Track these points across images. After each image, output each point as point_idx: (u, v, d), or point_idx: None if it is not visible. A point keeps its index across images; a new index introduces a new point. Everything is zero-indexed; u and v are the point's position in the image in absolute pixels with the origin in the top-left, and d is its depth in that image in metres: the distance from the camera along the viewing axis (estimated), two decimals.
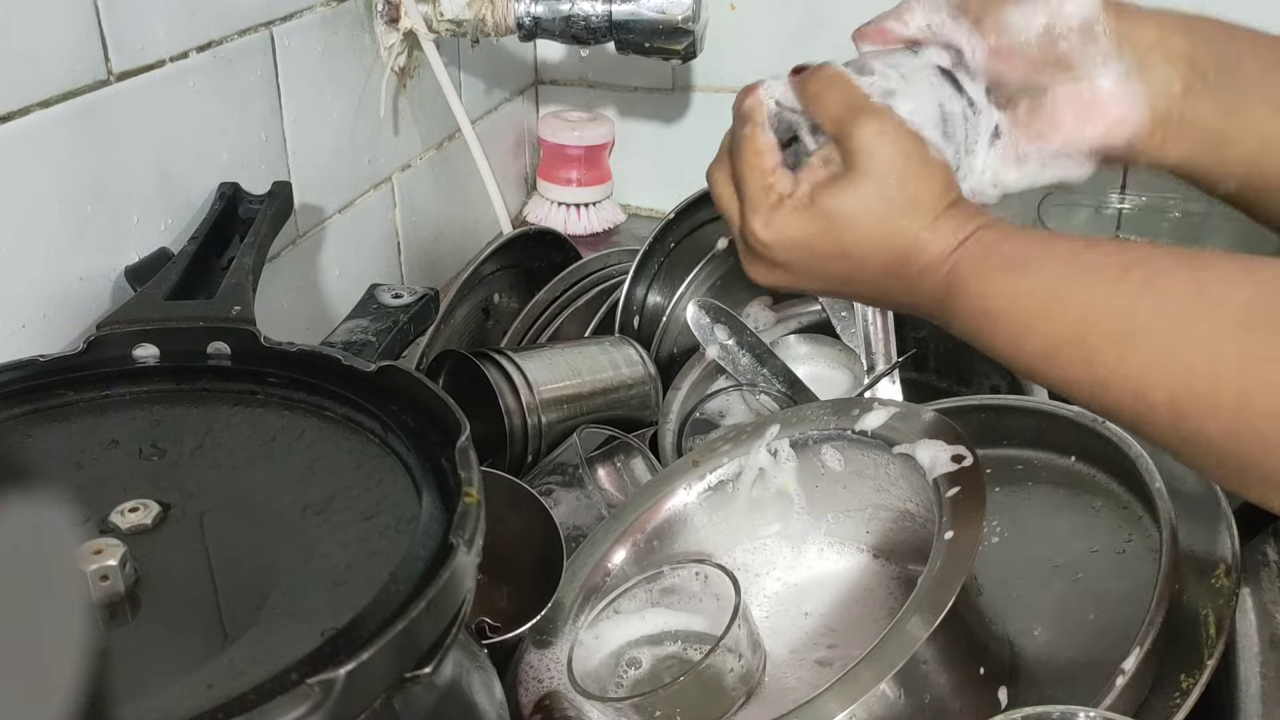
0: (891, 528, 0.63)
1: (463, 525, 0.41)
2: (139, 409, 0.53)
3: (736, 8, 1.08)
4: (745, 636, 0.56)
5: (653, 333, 0.89)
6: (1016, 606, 0.59)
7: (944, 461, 0.57)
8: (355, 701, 0.36)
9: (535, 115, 1.21)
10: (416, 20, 0.90)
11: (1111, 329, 0.47)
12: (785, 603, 0.64)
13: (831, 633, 0.62)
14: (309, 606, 0.41)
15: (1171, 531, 0.56)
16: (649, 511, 0.67)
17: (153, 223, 0.69)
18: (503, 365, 0.78)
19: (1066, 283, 0.49)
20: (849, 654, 0.49)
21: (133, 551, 0.42)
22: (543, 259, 0.95)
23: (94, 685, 0.25)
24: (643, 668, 0.61)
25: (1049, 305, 0.49)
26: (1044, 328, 0.49)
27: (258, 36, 0.76)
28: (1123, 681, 0.50)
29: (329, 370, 0.52)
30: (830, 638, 0.62)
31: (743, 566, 0.66)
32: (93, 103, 0.63)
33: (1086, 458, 0.64)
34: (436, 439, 0.47)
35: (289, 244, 0.82)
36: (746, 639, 0.56)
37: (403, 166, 0.96)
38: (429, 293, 0.78)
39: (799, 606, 0.64)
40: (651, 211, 1.21)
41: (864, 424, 0.63)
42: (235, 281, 0.61)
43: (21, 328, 0.61)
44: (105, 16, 0.63)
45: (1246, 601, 0.61)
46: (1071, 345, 0.48)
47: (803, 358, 0.86)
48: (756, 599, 0.65)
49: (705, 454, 0.68)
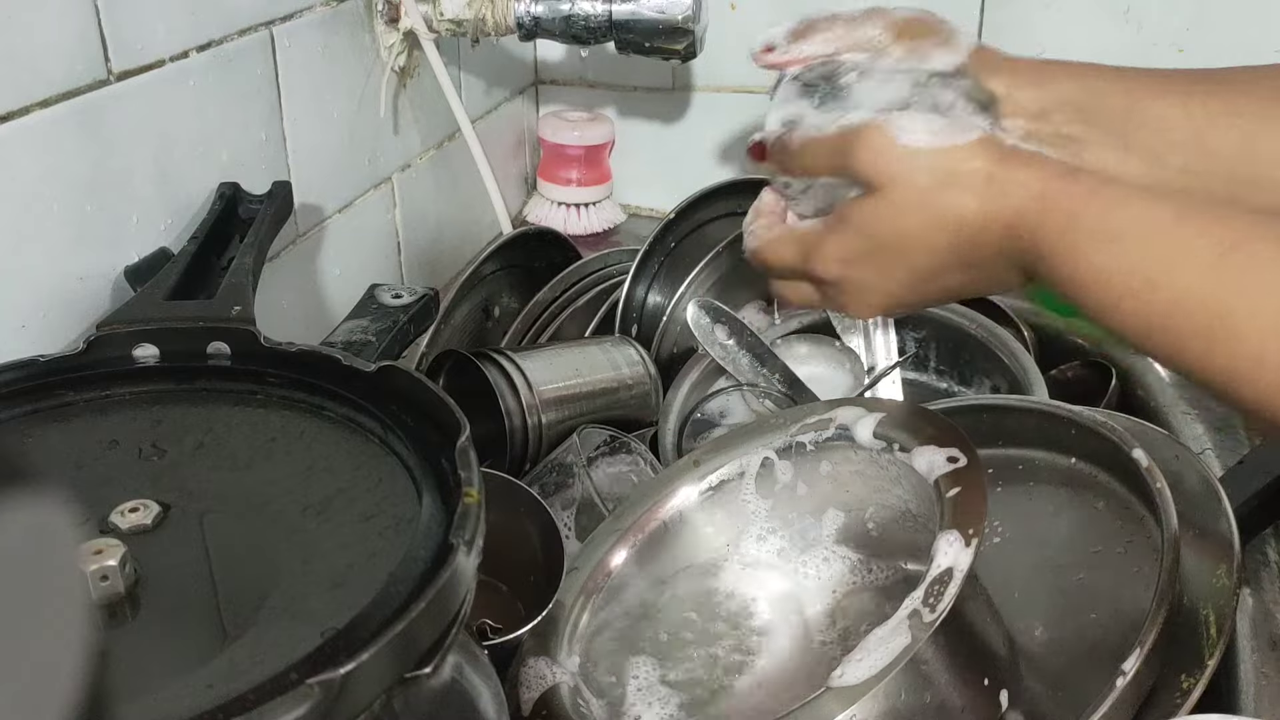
0: (892, 528, 0.63)
1: (463, 525, 0.41)
2: (139, 409, 0.53)
3: (736, 8, 1.08)
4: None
5: (653, 333, 0.89)
6: (1017, 606, 0.59)
7: (941, 463, 0.57)
8: (355, 702, 0.36)
9: (535, 115, 1.21)
10: (416, 20, 0.90)
11: (1201, 323, 0.45)
12: (786, 603, 0.64)
13: (832, 632, 0.62)
14: (309, 606, 0.41)
15: (1173, 531, 0.56)
16: (649, 512, 0.67)
17: (153, 223, 0.69)
18: (503, 365, 0.78)
19: (1157, 263, 0.47)
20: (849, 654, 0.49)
21: (133, 551, 0.42)
22: (543, 259, 0.95)
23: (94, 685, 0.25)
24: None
25: (1137, 286, 0.47)
26: (1132, 307, 0.47)
27: (258, 36, 0.76)
28: (1123, 681, 0.50)
29: (329, 370, 0.52)
30: (831, 637, 0.62)
31: (743, 567, 0.66)
32: (92, 103, 0.63)
33: (1087, 457, 0.64)
34: (436, 439, 0.47)
35: (289, 244, 0.82)
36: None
37: (403, 166, 0.96)
38: (429, 293, 0.78)
39: (800, 607, 0.64)
40: (651, 211, 1.21)
41: (864, 424, 0.62)
42: (235, 281, 0.61)
43: (21, 328, 0.61)
44: (105, 16, 0.63)
45: (1247, 601, 0.61)
46: (1162, 331, 0.47)
47: (803, 358, 0.86)
48: (757, 600, 0.65)
49: (705, 454, 0.68)
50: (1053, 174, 0.50)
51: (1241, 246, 0.45)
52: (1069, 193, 0.49)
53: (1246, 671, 0.58)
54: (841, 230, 0.56)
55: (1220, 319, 0.45)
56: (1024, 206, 0.50)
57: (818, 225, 0.57)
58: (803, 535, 0.66)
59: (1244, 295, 0.45)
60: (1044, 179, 0.50)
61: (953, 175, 0.52)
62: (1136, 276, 0.47)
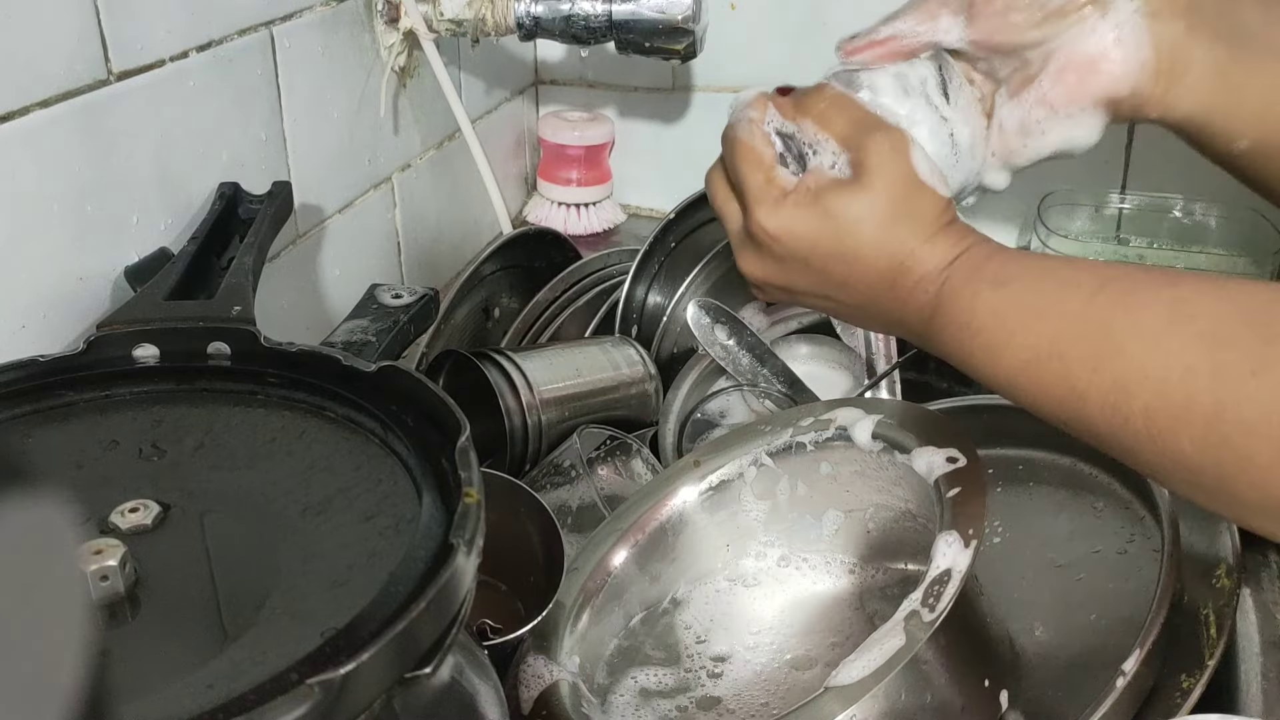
0: (893, 528, 0.63)
1: (463, 525, 0.41)
2: (139, 409, 0.53)
3: (736, 7, 1.08)
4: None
5: (653, 333, 0.89)
6: (1018, 606, 0.59)
7: (940, 463, 0.57)
8: (355, 702, 0.36)
9: (535, 115, 1.21)
10: (416, 20, 0.90)
11: (1088, 342, 0.48)
12: (787, 603, 0.64)
13: (833, 633, 0.62)
14: (309, 606, 0.41)
15: (1173, 532, 0.56)
16: (650, 512, 0.67)
17: (153, 223, 0.69)
18: (503, 365, 0.78)
19: (1046, 296, 0.51)
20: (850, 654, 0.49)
21: (133, 551, 0.42)
22: (543, 259, 0.95)
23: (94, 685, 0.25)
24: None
25: (1029, 319, 0.50)
26: (1023, 340, 0.50)
27: (258, 36, 0.76)
28: (1123, 682, 0.50)
29: (329, 370, 0.52)
30: (832, 638, 0.62)
31: (744, 568, 0.66)
32: (92, 103, 0.63)
33: (1088, 458, 0.64)
34: (436, 439, 0.47)
35: (289, 244, 0.82)
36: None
37: (403, 166, 0.96)
38: (429, 293, 0.78)
39: (801, 607, 0.64)
40: (651, 211, 1.21)
41: (864, 425, 0.62)
42: (235, 281, 0.61)
43: (21, 328, 0.61)
44: (105, 16, 0.63)
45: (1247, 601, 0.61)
46: (1050, 358, 0.49)
47: (803, 358, 0.86)
48: (757, 601, 0.65)
49: (706, 454, 0.68)
50: (972, 240, 0.54)
51: (1120, 280, 0.49)
52: (981, 249, 0.54)
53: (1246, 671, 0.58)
54: (810, 205, 0.55)
55: (1105, 338, 0.48)
56: (944, 259, 0.54)
57: (789, 178, 0.57)
58: (803, 536, 0.66)
59: (1128, 312, 0.48)
60: (966, 243, 0.54)
61: (918, 215, 0.54)
62: (1027, 308, 0.51)
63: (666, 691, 0.60)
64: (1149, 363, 0.46)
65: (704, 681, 0.61)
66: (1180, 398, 0.45)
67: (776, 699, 0.59)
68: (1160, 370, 0.46)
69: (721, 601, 0.65)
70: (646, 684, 0.61)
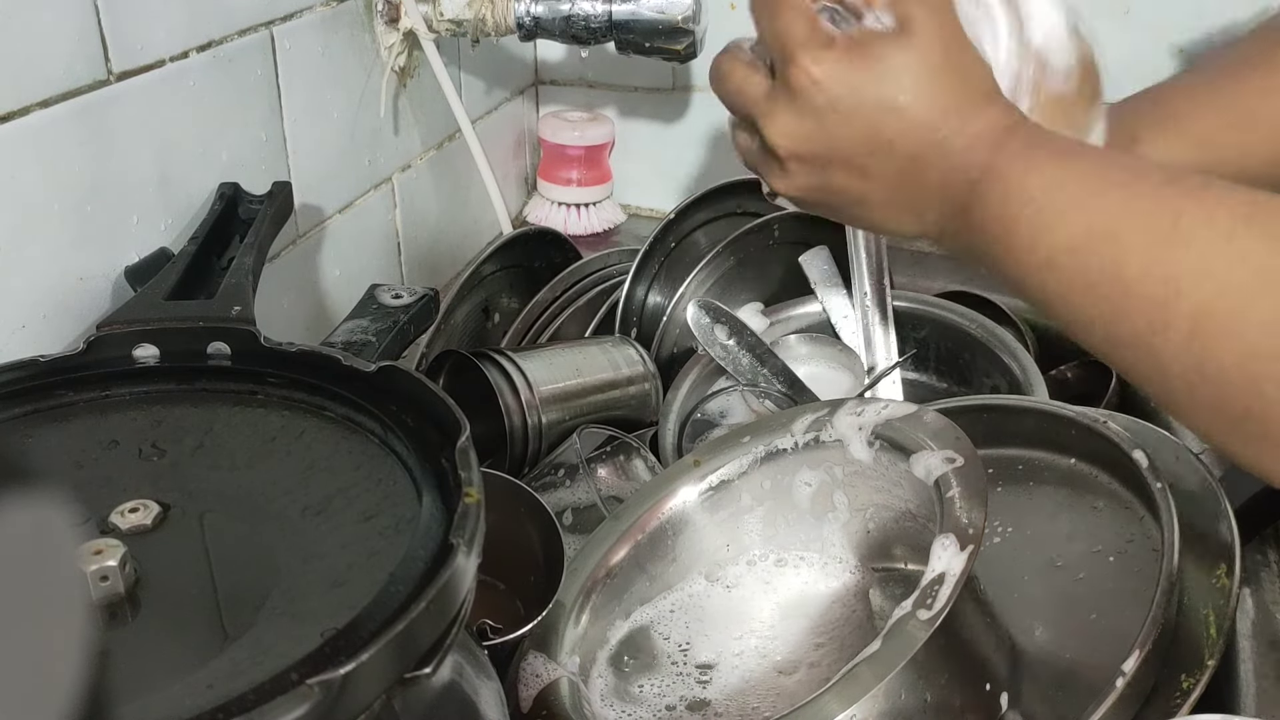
0: (893, 528, 0.63)
1: (463, 525, 0.41)
2: (139, 409, 0.53)
3: (736, 7, 1.08)
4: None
5: (653, 333, 0.89)
6: (1017, 606, 0.59)
7: (940, 464, 0.57)
8: (355, 702, 0.36)
9: (535, 115, 1.21)
10: (416, 20, 0.90)
11: (1151, 228, 0.45)
12: (787, 603, 0.64)
13: (833, 633, 0.62)
14: (309, 606, 0.41)
15: (1173, 532, 0.56)
16: (650, 512, 0.67)
17: (153, 223, 0.69)
18: (503, 365, 0.78)
19: (1111, 175, 0.47)
20: (850, 654, 0.49)
21: (133, 552, 0.42)
22: (543, 259, 0.95)
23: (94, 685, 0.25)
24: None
25: (1088, 194, 0.47)
26: (1078, 217, 0.47)
27: (258, 36, 0.76)
28: (1123, 682, 0.50)
29: (329, 370, 0.52)
30: (832, 638, 0.62)
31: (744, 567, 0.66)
32: (93, 103, 0.63)
33: (1088, 458, 0.64)
34: (436, 439, 0.47)
35: (289, 244, 0.82)
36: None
37: (403, 166, 0.96)
38: (429, 293, 0.78)
39: (802, 607, 0.64)
40: (651, 211, 1.21)
41: (864, 425, 0.62)
42: (235, 281, 0.61)
43: (21, 328, 0.61)
44: (105, 16, 0.63)
45: (1247, 602, 0.61)
46: (1103, 239, 0.46)
47: (803, 358, 0.86)
48: (757, 601, 0.65)
49: (706, 454, 0.68)
50: (1022, 115, 0.51)
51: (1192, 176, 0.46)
52: (1035, 125, 0.50)
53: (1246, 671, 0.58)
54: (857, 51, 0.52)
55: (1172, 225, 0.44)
56: (1000, 123, 0.50)
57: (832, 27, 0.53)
58: (803, 536, 0.66)
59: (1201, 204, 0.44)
60: (1017, 114, 0.51)
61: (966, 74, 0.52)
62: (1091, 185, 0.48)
63: (667, 691, 0.60)
64: (1215, 259, 0.43)
65: (704, 681, 0.61)
66: (1237, 303, 0.42)
67: (777, 700, 0.59)
68: (1225, 269, 0.42)
69: (722, 601, 0.65)
70: (647, 683, 0.61)
